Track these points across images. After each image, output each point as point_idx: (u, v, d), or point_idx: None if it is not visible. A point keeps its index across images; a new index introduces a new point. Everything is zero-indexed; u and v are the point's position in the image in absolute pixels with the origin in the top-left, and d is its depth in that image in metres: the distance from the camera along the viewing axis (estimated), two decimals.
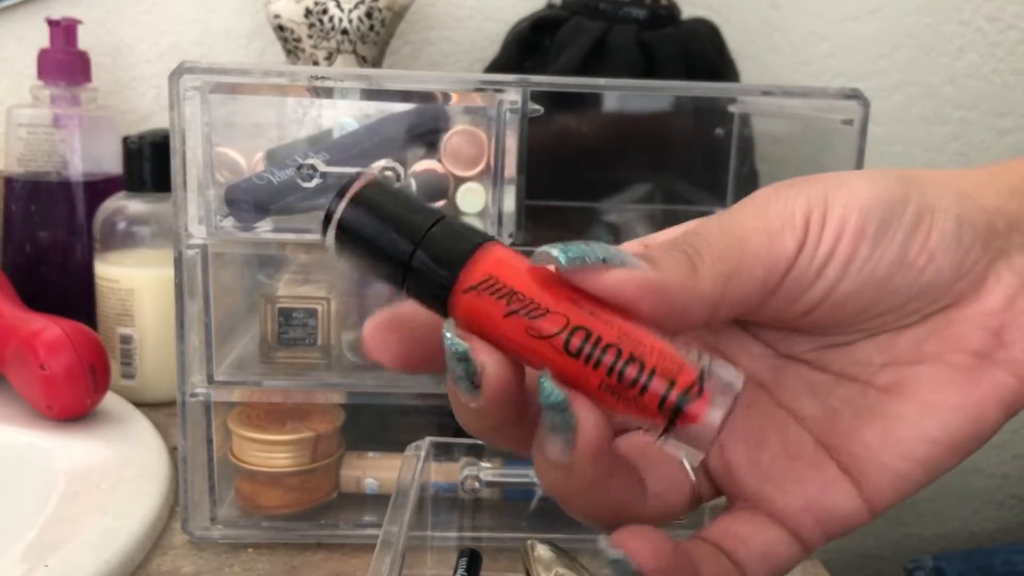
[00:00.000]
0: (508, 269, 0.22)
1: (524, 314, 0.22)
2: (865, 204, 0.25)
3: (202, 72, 0.43)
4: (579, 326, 0.22)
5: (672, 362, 0.22)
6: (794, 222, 0.24)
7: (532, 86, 0.44)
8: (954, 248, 0.25)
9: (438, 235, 0.23)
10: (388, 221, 0.23)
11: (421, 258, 0.22)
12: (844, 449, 0.26)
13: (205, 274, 0.45)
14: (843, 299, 0.25)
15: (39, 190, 0.69)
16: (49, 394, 0.54)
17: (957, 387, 0.25)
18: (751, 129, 0.63)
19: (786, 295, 0.25)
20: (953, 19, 0.84)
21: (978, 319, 0.25)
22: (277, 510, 0.48)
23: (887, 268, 0.25)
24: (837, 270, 0.24)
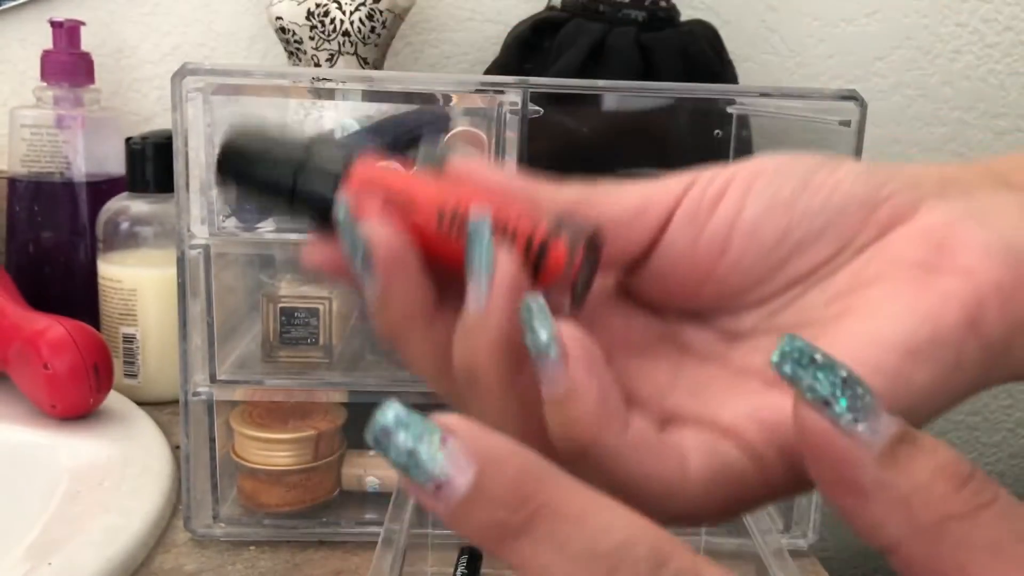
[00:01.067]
0: (380, 175, 0.24)
1: (398, 207, 0.24)
2: (761, 159, 0.25)
3: (204, 73, 0.43)
4: (445, 203, 0.24)
5: (530, 222, 0.23)
6: (681, 175, 0.25)
7: (532, 87, 0.45)
8: (865, 177, 0.24)
9: (313, 164, 0.25)
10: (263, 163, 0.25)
11: (301, 189, 0.25)
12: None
13: (207, 274, 0.45)
14: (751, 227, 0.24)
15: (42, 191, 0.70)
16: (52, 393, 0.54)
17: (905, 294, 0.24)
18: (749, 130, 0.63)
19: (684, 227, 0.24)
20: (950, 21, 0.84)
21: (916, 236, 0.24)
22: (279, 508, 0.49)
23: (790, 192, 0.24)
24: (735, 197, 0.24)
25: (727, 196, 0.24)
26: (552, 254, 0.23)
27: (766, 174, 0.25)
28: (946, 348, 0.23)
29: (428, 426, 0.18)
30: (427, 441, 0.18)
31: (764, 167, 0.25)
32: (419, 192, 0.24)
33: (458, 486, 0.17)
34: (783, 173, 0.25)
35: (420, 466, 0.18)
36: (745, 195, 0.24)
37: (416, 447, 0.18)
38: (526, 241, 0.23)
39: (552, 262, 0.23)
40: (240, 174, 0.25)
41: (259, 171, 0.25)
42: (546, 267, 0.23)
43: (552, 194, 0.25)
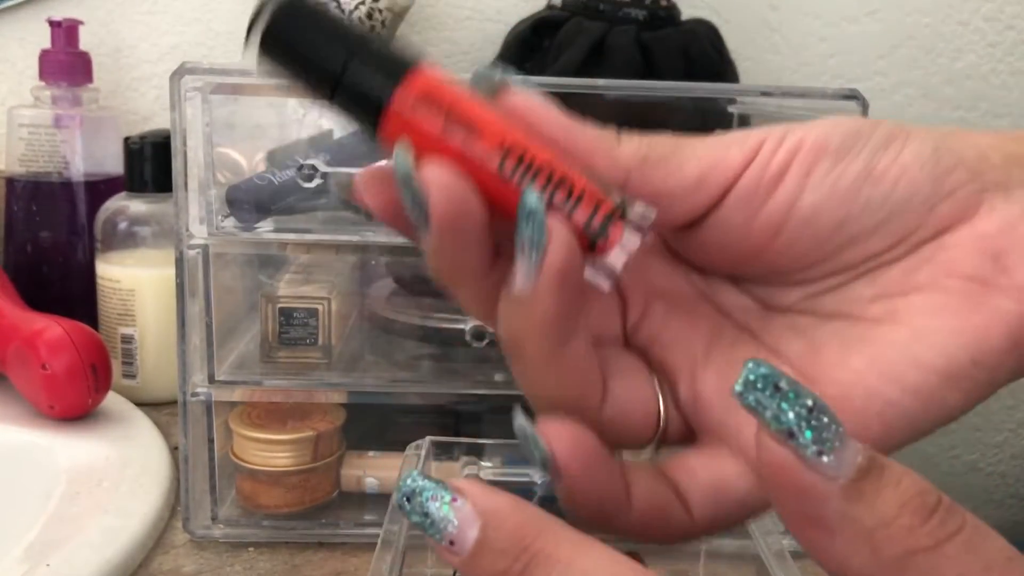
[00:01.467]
0: (444, 88, 0.22)
1: (461, 132, 0.22)
2: (826, 126, 0.24)
3: (203, 73, 0.43)
4: (512, 146, 0.22)
5: (596, 192, 0.22)
6: (745, 140, 0.24)
7: (532, 87, 0.44)
8: (929, 168, 0.23)
9: (372, 49, 0.22)
10: (319, 34, 0.22)
11: (354, 72, 0.22)
12: (828, 378, 0.24)
13: (206, 274, 0.45)
14: (810, 212, 0.23)
15: (40, 190, 0.70)
16: (50, 394, 0.54)
17: (953, 312, 0.23)
18: None
19: (740, 206, 0.23)
20: (952, 20, 0.84)
21: (973, 243, 0.23)
22: (278, 509, 0.48)
23: (853, 179, 0.23)
24: (795, 180, 0.23)
25: (787, 178, 0.23)
26: (610, 235, 0.22)
27: (829, 153, 0.23)
28: (986, 371, 0.23)
29: (441, 489, 0.20)
30: (439, 501, 0.20)
31: (828, 141, 0.23)
32: (483, 122, 0.22)
33: (467, 539, 0.20)
34: (847, 152, 0.23)
35: (435, 524, 0.20)
36: (805, 177, 0.23)
37: (430, 508, 0.20)
38: (588, 213, 0.22)
39: (608, 243, 0.22)
40: (283, 46, 0.22)
41: (307, 46, 0.22)
42: (601, 245, 0.22)
43: (612, 149, 0.23)
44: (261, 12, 0.22)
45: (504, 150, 0.22)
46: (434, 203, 0.21)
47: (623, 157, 0.23)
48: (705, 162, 0.23)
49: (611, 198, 0.22)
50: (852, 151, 0.23)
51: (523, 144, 0.22)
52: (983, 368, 0.23)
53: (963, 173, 0.23)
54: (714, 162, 0.23)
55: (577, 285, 0.22)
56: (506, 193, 0.22)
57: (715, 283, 0.26)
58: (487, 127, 0.22)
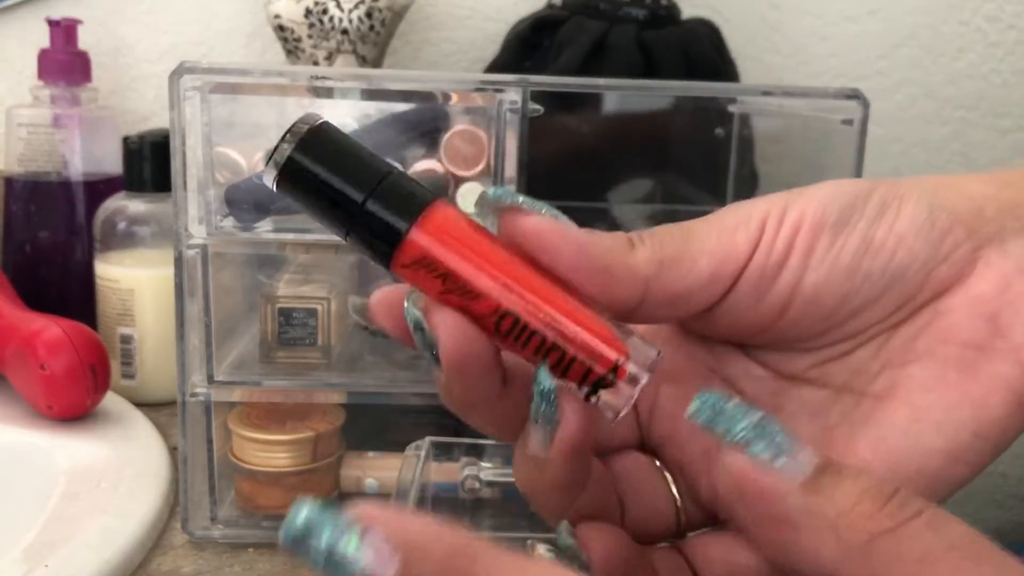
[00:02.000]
0: (445, 243, 0.22)
1: (458, 294, 0.22)
2: (824, 197, 0.24)
3: (202, 72, 0.43)
4: (508, 312, 0.23)
5: (591, 350, 0.23)
6: (749, 222, 0.24)
7: (532, 86, 0.44)
8: (927, 230, 0.24)
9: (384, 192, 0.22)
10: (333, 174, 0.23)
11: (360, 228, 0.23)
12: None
13: (205, 274, 0.45)
14: (814, 292, 0.24)
15: (39, 190, 0.69)
16: (49, 394, 0.54)
17: (951, 384, 0.24)
18: (751, 129, 0.63)
19: (749, 292, 0.24)
20: (953, 19, 0.84)
21: (968, 307, 0.24)
22: (277, 510, 0.48)
23: (852, 254, 0.24)
24: (799, 261, 0.24)
25: (790, 260, 0.24)
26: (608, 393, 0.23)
27: (827, 229, 0.24)
28: (990, 441, 0.24)
29: (345, 521, 0.17)
30: (346, 537, 0.17)
31: (826, 216, 0.24)
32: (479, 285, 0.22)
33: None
34: (844, 226, 0.24)
35: (342, 565, 0.17)
36: (807, 257, 0.24)
37: (334, 545, 0.17)
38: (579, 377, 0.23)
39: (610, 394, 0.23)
40: (300, 180, 0.23)
41: (323, 184, 0.22)
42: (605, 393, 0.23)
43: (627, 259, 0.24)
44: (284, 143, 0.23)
45: (500, 315, 0.22)
46: (443, 347, 0.22)
47: (640, 267, 0.24)
48: (716, 257, 0.24)
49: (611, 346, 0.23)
50: (849, 225, 0.24)
51: (520, 301, 0.23)
52: (986, 439, 0.24)
53: (960, 232, 0.24)
54: (723, 257, 0.24)
55: (588, 452, 0.24)
56: (505, 344, 0.23)
57: (723, 354, 0.27)
58: (484, 288, 0.22)
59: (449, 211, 0.23)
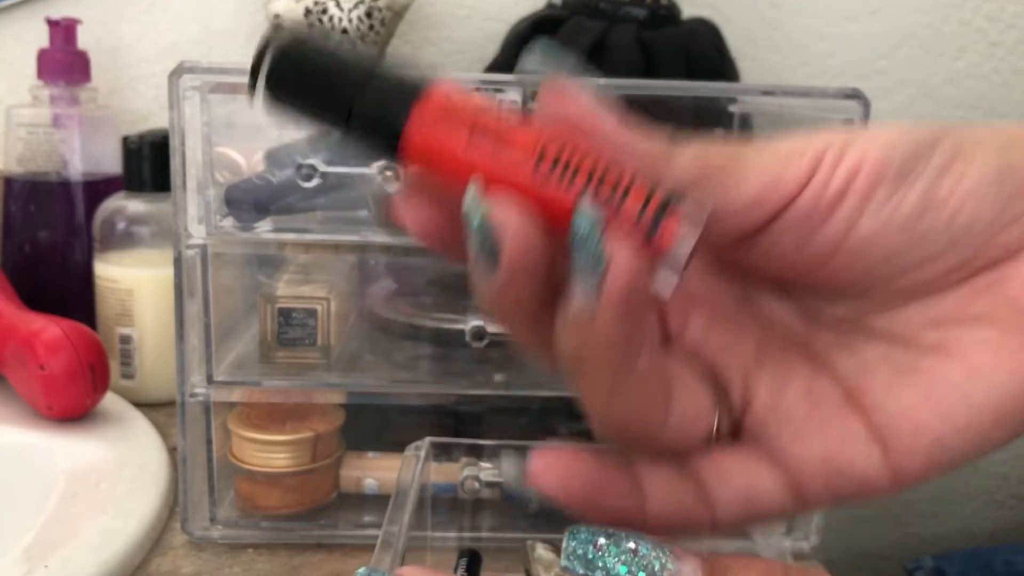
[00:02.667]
0: (464, 99, 0.21)
1: (488, 143, 0.20)
2: (889, 140, 0.22)
3: (202, 72, 0.42)
4: (548, 144, 0.20)
5: (645, 180, 0.21)
6: (804, 153, 0.22)
7: (532, 86, 0.44)
8: (993, 193, 0.22)
9: (386, 69, 0.21)
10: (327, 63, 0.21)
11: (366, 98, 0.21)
12: (879, 406, 0.24)
13: (205, 274, 0.45)
14: (866, 241, 0.22)
15: (38, 190, 0.69)
16: (49, 394, 0.54)
17: (1011, 351, 0.23)
18: (751, 129, 0.63)
19: (794, 227, 0.22)
20: (953, 19, 0.84)
21: (1012, 307, 0.23)
22: (277, 510, 0.48)
23: (912, 208, 0.22)
24: (853, 207, 0.22)
25: (845, 203, 0.22)
26: (665, 228, 0.20)
27: (889, 178, 0.22)
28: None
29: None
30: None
31: (888, 163, 0.22)
32: (512, 127, 0.20)
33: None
34: (906, 176, 0.22)
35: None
36: (864, 204, 0.22)
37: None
38: (639, 205, 0.20)
39: (663, 237, 0.20)
40: (289, 86, 0.21)
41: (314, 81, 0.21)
42: (656, 242, 0.20)
43: (667, 156, 0.22)
44: (263, 55, 0.21)
45: (540, 150, 0.20)
46: (508, 249, 0.20)
47: (680, 169, 0.22)
48: (764, 179, 0.22)
49: (662, 189, 0.21)
50: (912, 175, 0.22)
51: (559, 140, 0.20)
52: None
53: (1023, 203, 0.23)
54: (773, 180, 0.22)
55: (643, 305, 0.21)
56: (552, 199, 0.20)
57: (756, 292, 0.26)
58: (517, 131, 0.21)
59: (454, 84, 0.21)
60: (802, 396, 0.24)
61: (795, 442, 0.24)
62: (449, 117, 0.21)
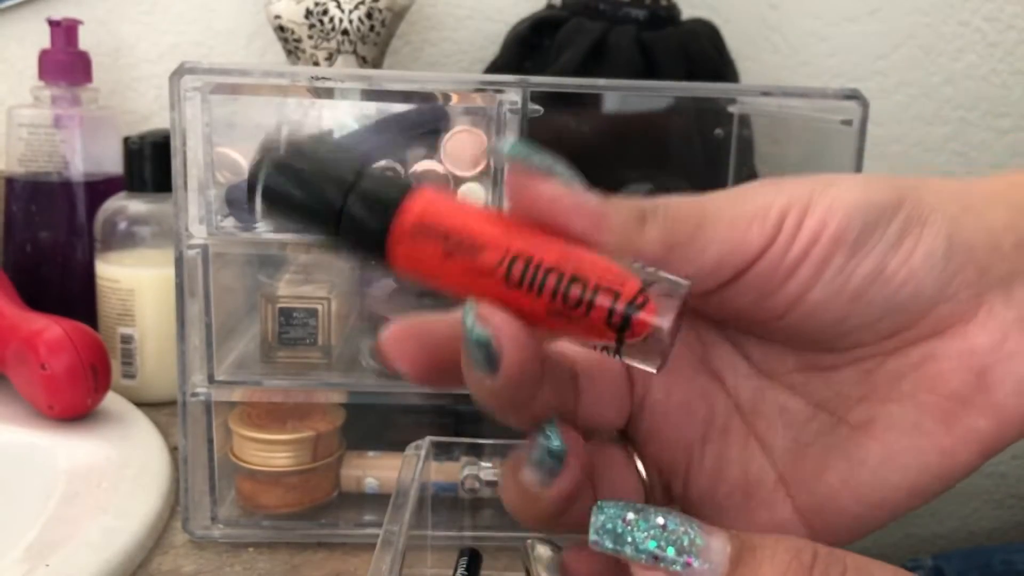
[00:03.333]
0: (440, 209, 0.22)
1: (462, 252, 0.22)
2: (849, 207, 0.23)
3: (203, 72, 0.43)
4: (518, 253, 0.22)
5: (614, 276, 0.22)
6: (768, 216, 0.23)
7: (532, 87, 0.44)
8: (939, 268, 0.23)
9: (365, 187, 0.22)
10: (312, 182, 0.23)
11: (351, 212, 0.22)
12: (806, 487, 0.25)
13: (206, 274, 0.45)
14: (815, 307, 0.24)
15: (40, 190, 0.69)
16: (50, 394, 0.54)
17: (926, 433, 0.24)
18: (751, 130, 0.63)
19: (753, 289, 0.24)
20: (952, 20, 0.84)
21: (961, 358, 0.24)
22: (277, 509, 0.48)
23: (863, 279, 0.23)
24: (808, 275, 0.23)
25: (801, 270, 0.23)
26: (638, 322, 0.21)
27: (846, 245, 0.23)
28: (951, 481, 0.24)
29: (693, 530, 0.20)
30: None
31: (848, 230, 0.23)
32: (483, 234, 0.22)
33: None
34: (862, 246, 0.23)
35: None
36: (819, 272, 0.23)
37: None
38: (609, 301, 0.21)
39: (636, 330, 0.22)
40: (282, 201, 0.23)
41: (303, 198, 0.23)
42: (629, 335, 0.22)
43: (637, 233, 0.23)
44: (258, 171, 0.23)
45: (510, 258, 0.22)
46: (506, 359, 0.22)
47: (649, 246, 0.23)
48: (726, 246, 0.23)
49: (634, 274, 0.22)
50: (866, 247, 0.23)
51: (529, 246, 0.22)
52: (948, 481, 0.24)
53: (971, 272, 0.24)
54: (733, 247, 0.23)
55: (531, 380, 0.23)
56: (517, 295, 0.22)
57: (713, 344, 0.27)
58: (488, 238, 0.22)
59: (432, 188, 0.23)
60: (737, 485, 0.26)
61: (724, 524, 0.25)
62: (425, 228, 0.22)
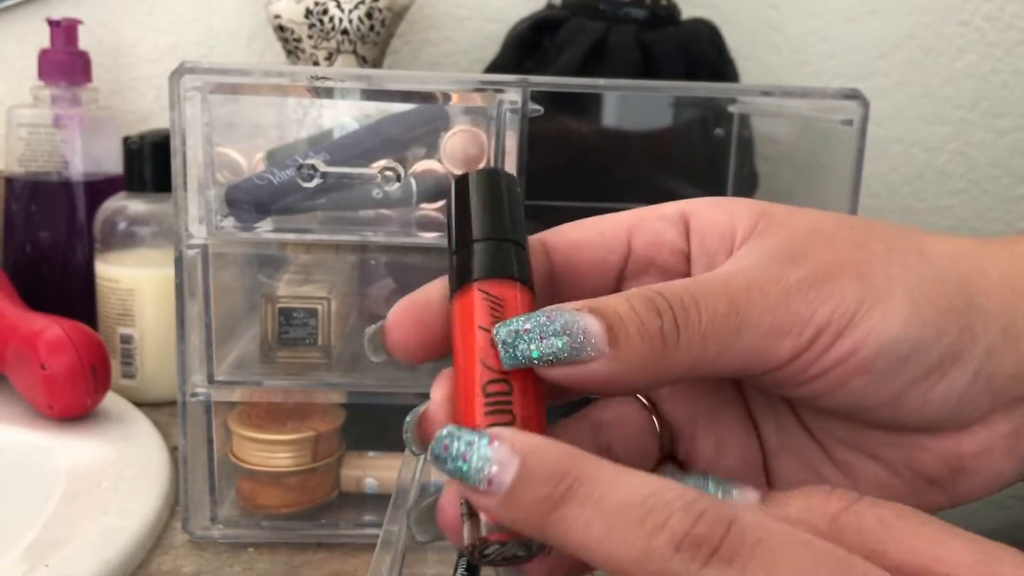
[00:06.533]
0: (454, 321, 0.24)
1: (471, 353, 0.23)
2: (885, 341, 0.23)
3: (203, 72, 0.43)
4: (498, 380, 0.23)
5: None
6: (802, 333, 0.23)
7: (532, 86, 0.44)
8: (957, 404, 0.24)
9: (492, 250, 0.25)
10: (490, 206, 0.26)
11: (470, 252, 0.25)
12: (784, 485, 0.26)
13: (205, 274, 0.45)
14: (821, 406, 0.25)
15: (40, 190, 0.69)
16: (50, 394, 0.54)
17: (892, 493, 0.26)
18: (751, 129, 0.63)
19: (768, 383, 0.24)
20: (952, 19, 0.84)
21: (945, 457, 0.25)
22: (277, 510, 0.48)
23: (875, 403, 0.24)
24: (822, 387, 0.24)
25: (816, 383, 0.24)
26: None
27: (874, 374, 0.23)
28: None
29: (476, 434, 0.21)
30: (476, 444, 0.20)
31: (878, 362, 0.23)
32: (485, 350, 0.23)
33: (507, 475, 0.20)
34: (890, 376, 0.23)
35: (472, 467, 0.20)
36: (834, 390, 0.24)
37: (467, 451, 0.20)
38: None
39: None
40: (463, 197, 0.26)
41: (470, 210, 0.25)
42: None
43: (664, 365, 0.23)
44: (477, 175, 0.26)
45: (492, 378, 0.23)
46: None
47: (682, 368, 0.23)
48: (755, 360, 0.23)
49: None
50: (890, 380, 0.23)
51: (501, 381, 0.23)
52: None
53: (984, 401, 0.25)
54: (765, 358, 0.23)
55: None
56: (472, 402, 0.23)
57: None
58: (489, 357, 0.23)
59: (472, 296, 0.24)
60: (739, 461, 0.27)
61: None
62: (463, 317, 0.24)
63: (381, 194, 0.45)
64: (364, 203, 0.46)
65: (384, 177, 0.44)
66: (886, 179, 0.87)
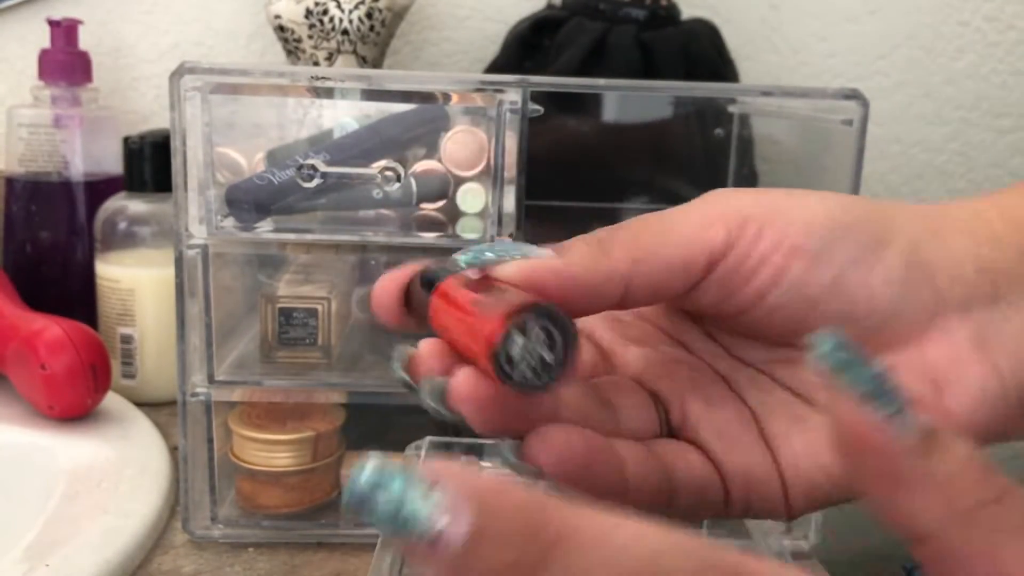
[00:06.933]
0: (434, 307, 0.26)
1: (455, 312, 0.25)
2: (811, 222, 0.25)
3: (203, 72, 0.43)
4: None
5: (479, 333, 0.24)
6: (728, 221, 0.25)
7: (532, 86, 0.44)
8: (895, 289, 0.25)
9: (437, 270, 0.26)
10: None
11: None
12: (778, 448, 0.27)
13: (206, 274, 0.45)
14: (773, 308, 0.25)
15: (40, 190, 0.69)
16: (50, 394, 0.54)
17: None
18: (751, 129, 0.63)
19: (715, 290, 0.25)
20: (952, 19, 0.84)
21: (918, 370, 0.25)
22: (278, 509, 0.48)
23: (820, 289, 0.25)
24: (766, 280, 0.25)
25: (760, 274, 0.25)
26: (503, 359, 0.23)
27: (805, 257, 0.25)
28: None
29: (411, 477, 0.16)
30: (413, 494, 0.16)
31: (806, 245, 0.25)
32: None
33: (457, 532, 0.15)
34: (820, 260, 0.25)
35: (410, 522, 0.15)
36: (776, 280, 0.25)
37: (402, 502, 0.16)
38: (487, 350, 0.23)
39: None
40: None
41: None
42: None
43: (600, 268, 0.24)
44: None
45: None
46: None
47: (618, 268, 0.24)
48: (692, 248, 0.25)
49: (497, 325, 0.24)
50: (823, 262, 0.25)
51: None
52: None
53: (926, 294, 0.25)
54: (699, 244, 0.25)
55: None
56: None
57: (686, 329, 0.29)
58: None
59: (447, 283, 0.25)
60: (733, 419, 0.27)
61: (729, 457, 0.27)
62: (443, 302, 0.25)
63: (381, 194, 0.45)
64: (364, 203, 0.46)
65: (384, 177, 0.44)
66: (886, 179, 0.87)
